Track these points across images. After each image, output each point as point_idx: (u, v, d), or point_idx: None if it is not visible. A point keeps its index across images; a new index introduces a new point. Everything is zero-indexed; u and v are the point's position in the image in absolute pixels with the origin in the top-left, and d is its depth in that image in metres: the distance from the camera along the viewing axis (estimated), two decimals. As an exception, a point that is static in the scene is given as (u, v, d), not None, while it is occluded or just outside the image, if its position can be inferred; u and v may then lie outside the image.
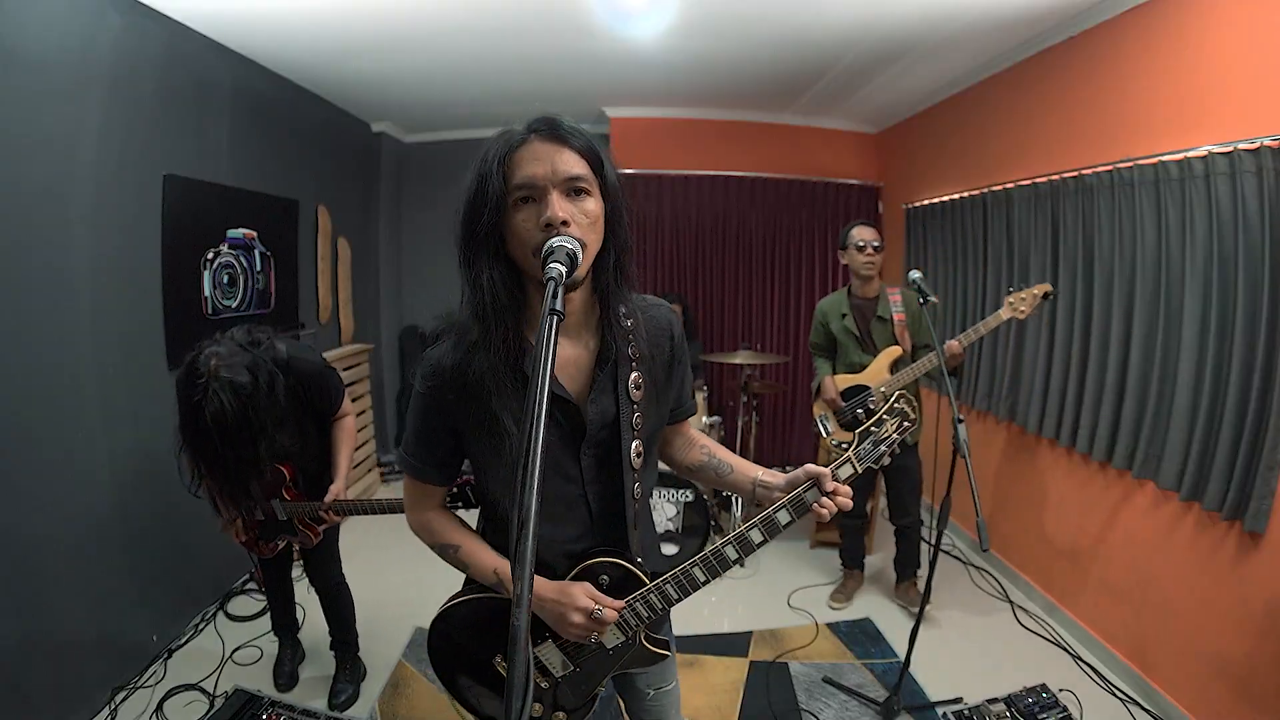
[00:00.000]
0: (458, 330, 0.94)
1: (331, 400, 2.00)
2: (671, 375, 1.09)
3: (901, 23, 2.67)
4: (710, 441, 1.22)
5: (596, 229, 0.89)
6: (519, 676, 0.54)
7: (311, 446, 2.03)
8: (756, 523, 0.99)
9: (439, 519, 1.11)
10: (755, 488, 1.09)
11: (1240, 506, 1.90)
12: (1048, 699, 2.14)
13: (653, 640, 1.09)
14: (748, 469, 1.13)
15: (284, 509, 1.97)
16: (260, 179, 3.15)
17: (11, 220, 1.91)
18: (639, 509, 1.05)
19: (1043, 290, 2.23)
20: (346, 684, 2.25)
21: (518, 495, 0.60)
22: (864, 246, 2.65)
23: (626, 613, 1.01)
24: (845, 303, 2.74)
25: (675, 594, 1.01)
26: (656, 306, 1.09)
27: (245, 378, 1.64)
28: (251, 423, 1.66)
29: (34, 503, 1.97)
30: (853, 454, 1.06)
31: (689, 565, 1.00)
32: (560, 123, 0.89)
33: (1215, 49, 1.99)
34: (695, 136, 4.31)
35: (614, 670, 1.09)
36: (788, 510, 0.98)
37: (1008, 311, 2.28)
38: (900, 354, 2.60)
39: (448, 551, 1.09)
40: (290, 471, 1.97)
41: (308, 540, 2.03)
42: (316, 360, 1.97)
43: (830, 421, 2.76)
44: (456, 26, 2.76)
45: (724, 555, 0.99)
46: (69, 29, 2.07)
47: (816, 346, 2.87)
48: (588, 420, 0.98)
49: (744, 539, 0.99)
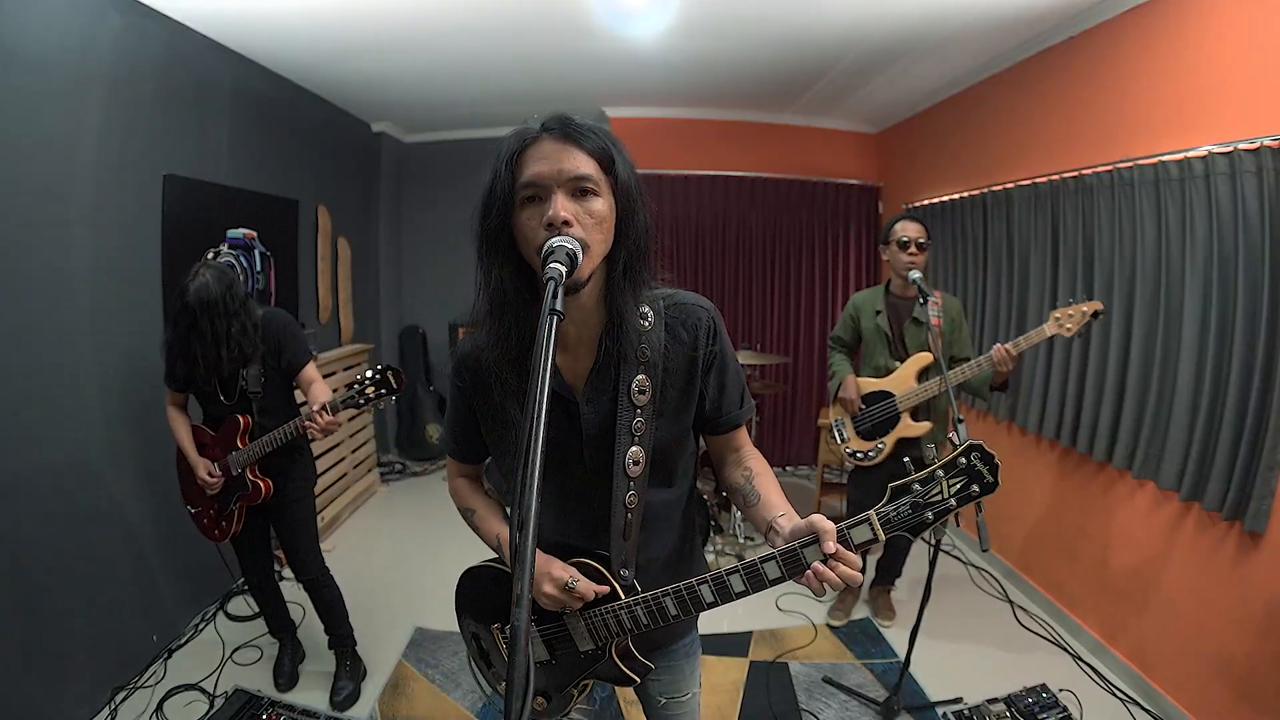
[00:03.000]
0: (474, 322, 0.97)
1: (298, 349, 2.08)
2: (694, 380, 1.01)
3: (901, 23, 2.67)
4: (760, 465, 1.08)
5: (603, 230, 0.87)
6: (519, 676, 0.54)
7: (273, 400, 2.06)
8: (739, 569, 0.88)
9: (465, 485, 1.20)
10: (768, 530, 0.96)
11: (1240, 506, 1.90)
12: (1048, 699, 2.14)
13: (629, 659, 1.04)
14: (772, 508, 0.99)
15: (238, 460, 2.01)
16: (260, 179, 3.15)
17: (11, 220, 1.91)
18: (635, 519, 1.00)
19: (1093, 308, 2.04)
20: (347, 681, 2.26)
21: (517, 495, 0.60)
22: (908, 243, 2.35)
23: (597, 621, 0.99)
24: (881, 300, 2.51)
25: (645, 619, 0.96)
26: (688, 306, 1.01)
27: (229, 275, 1.97)
28: (228, 305, 1.91)
29: (34, 503, 1.97)
30: (875, 513, 0.82)
31: (660, 594, 0.94)
32: (572, 122, 0.87)
33: (1215, 49, 1.99)
34: (695, 136, 4.31)
35: (581, 677, 1.06)
36: (777, 564, 0.85)
37: (1053, 327, 2.08)
38: (930, 361, 2.35)
39: (467, 515, 1.17)
40: (246, 422, 2.03)
41: (258, 492, 2.05)
42: (288, 314, 2.16)
43: (846, 427, 2.52)
44: (456, 26, 2.77)
45: (698, 594, 0.92)
46: (69, 29, 2.07)
47: (839, 341, 2.64)
48: (583, 420, 0.97)
49: (722, 583, 0.90)
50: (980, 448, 0.82)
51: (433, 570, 3.08)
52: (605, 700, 1.18)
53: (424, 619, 2.68)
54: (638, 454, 0.97)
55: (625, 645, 1.03)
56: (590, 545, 1.01)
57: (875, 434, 2.45)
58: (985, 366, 2.17)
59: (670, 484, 1.06)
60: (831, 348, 2.68)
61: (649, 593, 0.96)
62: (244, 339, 1.95)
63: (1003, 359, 2.11)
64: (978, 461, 0.80)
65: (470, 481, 1.20)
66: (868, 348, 2.55)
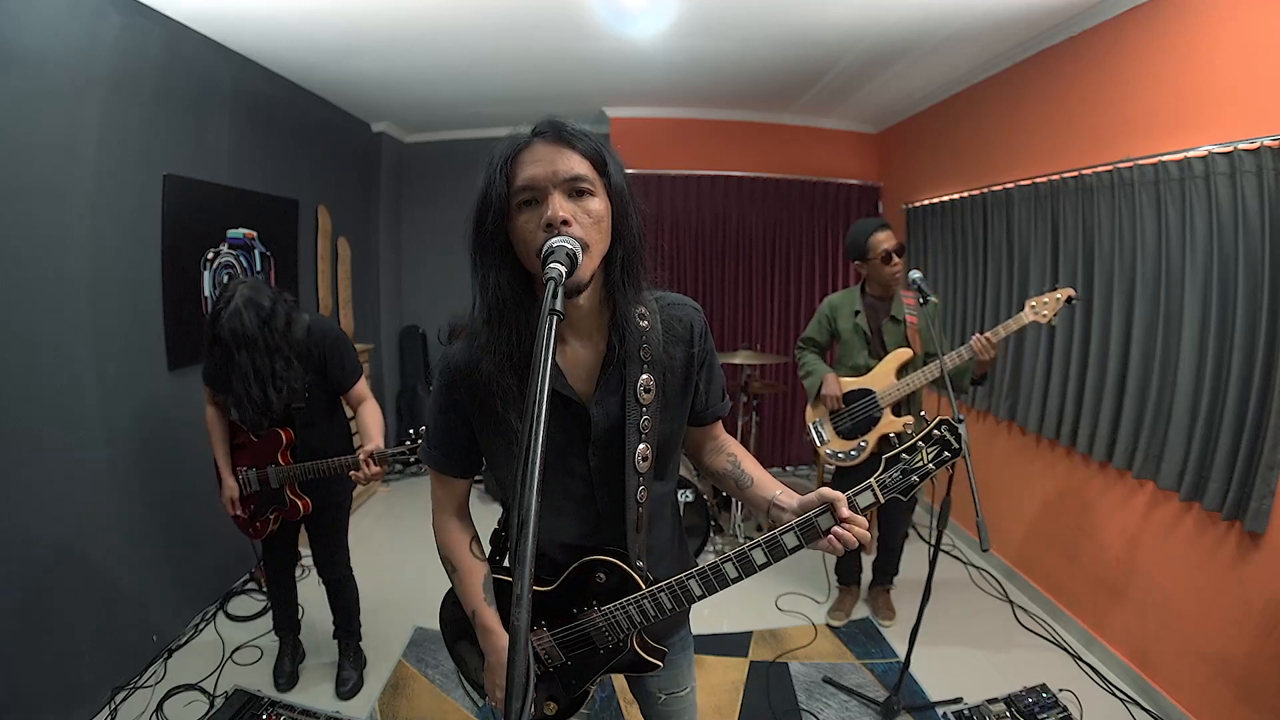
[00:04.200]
0: (470, 331, 0.96)
1: (345, 368, 2.01)
2: (691, 377, 1.05)
3: (901, 23, 2.67)
4: (740, 450, 1.16)
5: (601, 229, 0.88)
6: (519, 676, 0.54)
7: (317, 414, 2.02)
8: (760, 542, 0.95)
9: (454, 533, 1.12)
10: (770, 507, 1.03)
11: (1240, 506, 1.90)
12: (1048, 699, 2.14)
13: (647, 647, 1.07)
14: (767, 487, 1.07)
15: (278, 475, 1.98)
16: (260, 179, 3.15)
17: (11, 220, 1.91)
18: (645, 513, 1.03)
19: (1065, 294, 2.13)
20: (351, 671, 2.28)
21: (517, 495, 0.60)
22: (890, 256, 2.40)
23: (619, 614, 1.01)
24: (859, 300, 2.53)
25: (669, 603, 1.00)
26: (680, 306, 1.05)
27: (266, 301, 1.83)
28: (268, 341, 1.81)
29: (34, 502, 1.97)
30: (875, 481, 0.97)
31: (685, 577, 0.98)
32: (564, 125, 0.89)
33: (1215, 49, 1.99)
34: (695, 136, 4.31)
35: (603, 671, 1.08)
36: (795, 534, 0.93)
37: (1030, 315, 2.15)
38: (910, 357, 2.40)
39: (447, 566, 1.12)
40: (288, 436, 1.99)
41: (295, 511, 2.03)
42: (336, 328, 2.07)
43: (826, 428, 2.52)
44: (456, 26, 2.76)
45: (723, 572, 0.97)
46: (69, 29, 2.07)
47: (811, 342, 2.63)
48: (593, 421, 0.97)
49: (746, 558, 0.96)
50: (948, 421, 1.00)
51: (433, 570, 3.04)
52: (605, 700, 1.18)
53: (424, 619, 2.68)
54: (645, 450, 1.00)
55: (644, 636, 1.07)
56: (598, 544, 1.03)
57: (856, 433, 2.45)
58: (966, 356, 2.21)
59: (664, 477, 1.08)
60: (801, 349, 2.67)
61: (673, 578, 0.99)
62: (290, 373, 1.85)
63: (983, 347, 2.17)
64: (947, 433, 0.99)
65: (459, 521, 1.12)
66: (845, 347, 2.56)
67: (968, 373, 2.29)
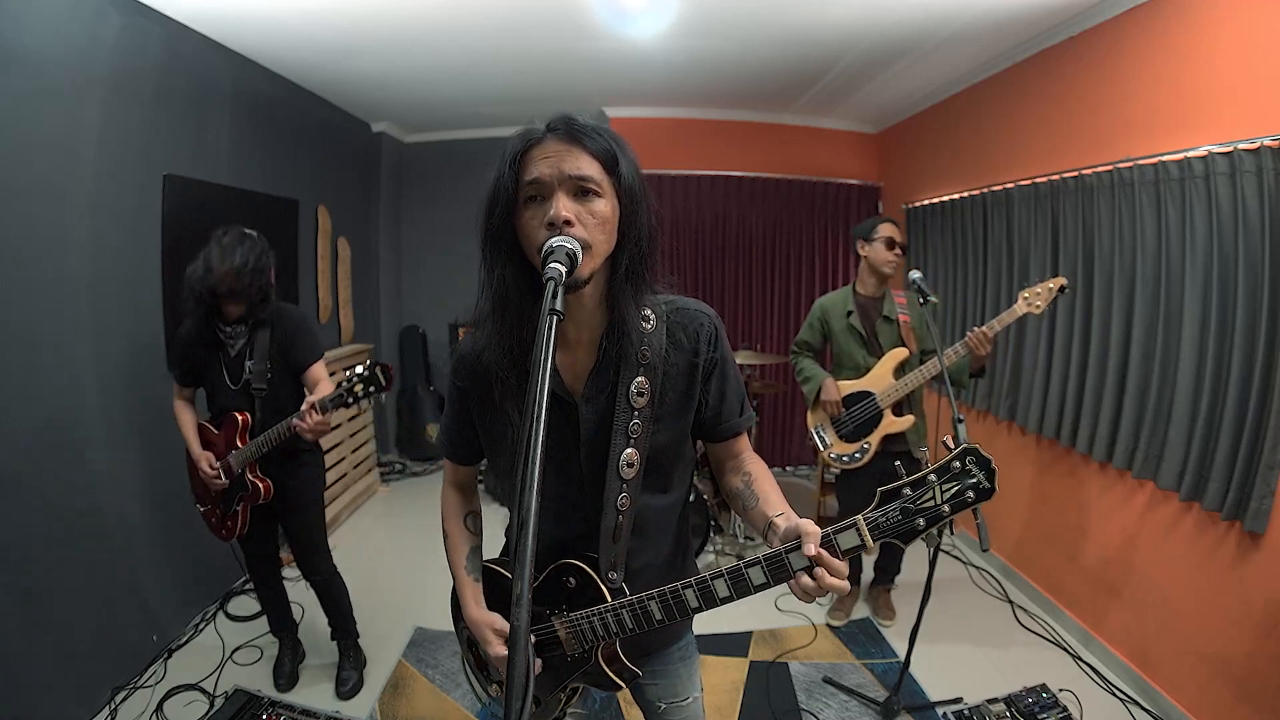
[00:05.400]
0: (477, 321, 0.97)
1: (307, 347, 2.05)
2: (694, 385, 1.00)
3: (901, 23, 2.67)
4: (760, 470, 1.06)
5: (606, 230, 0.87)
6: (519, 676, 0.54)
7: (277, 397, 2.02)
8: (724, 572, 0.86)
9: (454, 504, 1.17)
10: (766, 530, 0.95)
11: (1240, 506, 1.90)
12: (1048, 699, 2.14)
13: (613, 665, 1.02)
14: (770, 507, 0.98)
15: (239, 458, 1.99)
16: (260, 179, 3.15)
17: (11, 220, 1.91)
18: (627, 522, 0.99)
19: (1058, 284, 2.15)
20: (351, 671, 2.29)
21: (517, 495, 0.60)
22: (892, 243, 2.46)
23: (584, 624, 0.98)
24: (851, 300, 2.53)
25: (630, 623, 0.95)
26: (689, 311, 1.00)
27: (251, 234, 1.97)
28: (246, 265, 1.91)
29: (34, 503, 1.97)
30: (863, 518, 0.78)
31: (645, 598, 0.93)
32: (576, 122, 0.87)
33: (1215, 49, 1.99)
34: (695, 136, 4.31)
35: (569, 680, 1.05)
36: (763, 569, 0.83)
37: (1023, 306, 2.18)
38: (906, 356, 2.41)
39: (443, 532, 1.17)
40: (245, 419, 2.00)
41: (258, 494, 2.03)
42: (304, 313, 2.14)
43: (828, 432, 2.51)
44: (456, 26, 2.77)
45: (683, 598, 0.90)
46: (69, 29, 2.07)
47: (805, 346, 2.63)
48: (581, 419, 0.97)
49: (707, 588, 0.87)
50: (976, 451, 0.76)
51: (433, 570, 3.06)
52: (605, 701, 1.17)
53: (424, 619, 2.68)
54: (632, 456, 0.97)
55: (612, 649, 1.02)
56: (577, 548, 1.01)
57: (859, 435, 2.46)
58: (962, 351, 2.22)
59: (666, 490, 1.05)
60: (796, 353, 2.66)
61: (633, 596, 0.95)
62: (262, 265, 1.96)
63: (979, 341, 2.18)
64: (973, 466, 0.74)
65: (461, 494, 1.18)
66: (841, 349, 2.55)
67: (966, 368, 2.30)
